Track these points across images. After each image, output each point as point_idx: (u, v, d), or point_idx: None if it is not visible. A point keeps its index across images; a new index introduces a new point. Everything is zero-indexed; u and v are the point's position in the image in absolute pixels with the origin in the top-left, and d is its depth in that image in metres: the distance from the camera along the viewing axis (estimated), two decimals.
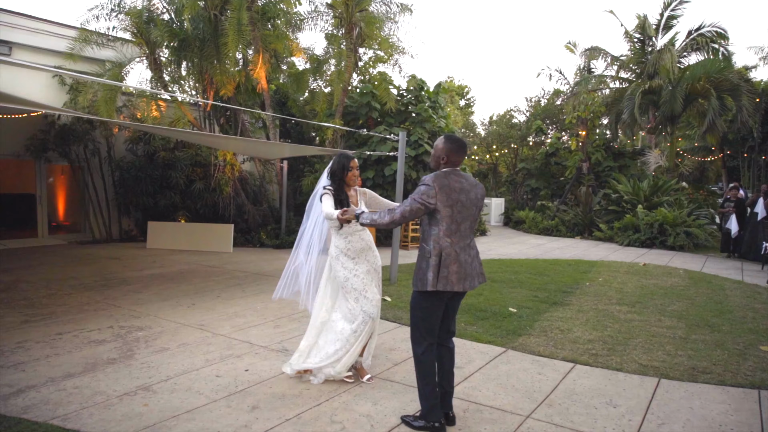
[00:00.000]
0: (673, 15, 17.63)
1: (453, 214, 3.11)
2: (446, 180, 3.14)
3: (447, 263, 3.09)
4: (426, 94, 12.72)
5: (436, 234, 3.13)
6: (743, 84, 14.07)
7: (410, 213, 3.13)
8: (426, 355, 3.24)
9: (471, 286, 3.18)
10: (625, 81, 18.96)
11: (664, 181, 14.74)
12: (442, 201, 3.08)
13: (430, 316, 3.23)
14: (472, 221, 3.23)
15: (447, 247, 3.10)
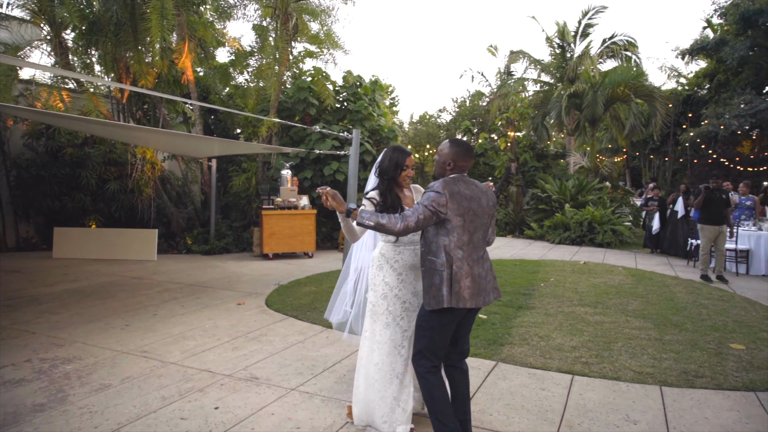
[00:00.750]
0: (589, 23, 18.58)
1: (465, 223, 2.76)
2: (456, 186, 2.79)
3: (459, 277, 2.73)
4: (363, 92, 12.28)
5: (447, 245, 2.76)
6: (657, 90, 15.03)
7: (423, 221, 2.70)
8: (433, 374, 2.87)
9: (486, 301, 2.83)
10: (546, 84, 19.72)
11: (587, 181, 15.40)
12: (453, 209, 2.73)
13: (439, 336, 2.86)
14: (484, 231, 2.91)
15: (459, 259, 2.75)
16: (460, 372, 3.02)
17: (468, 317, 2.95)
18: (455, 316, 2.81)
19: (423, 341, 2.89)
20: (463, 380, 3.01)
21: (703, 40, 22.81)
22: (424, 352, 2.88)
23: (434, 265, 2.80)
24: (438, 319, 2.82)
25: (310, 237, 10.54)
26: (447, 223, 2.76)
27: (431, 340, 2.86)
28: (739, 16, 19.37)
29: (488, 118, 20.40)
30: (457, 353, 3.03)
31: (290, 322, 5.81)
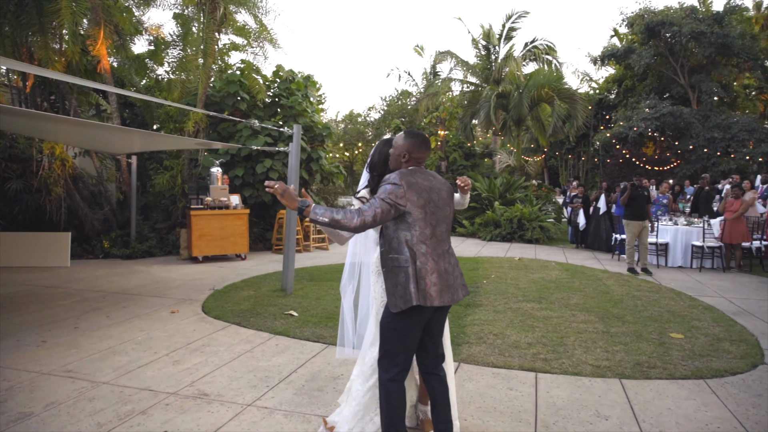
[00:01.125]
0: (513, 27, 19.24)
1: (426, 216, 2.60)
2: (413, 178, 2.64)
3: (423, 274, 2.57)
4: (296, 87, 11.87)
5: (410, 239, 2.59)
6: (577, 93, 15.81)
7: (381, 215, 2.51)
8: (395, 383, 2.67)
9: (454, 298, 2.66)
10: (472, 85, 20.19)
11: (514, 180, 15.91)
12: (413, 201, 2.57)
13: (406, 338, 2.66)
14: (447, 224, 2.75)
15: (423, 254, 2.58)
16: (437, 379, 2.81)
17: (437, 317, 2.74)
18: (421, 316, 2.62)
19: (387, 345, 2.70)
20: (442, 387, 2.81)
21: (612, 48, 24.41)
22: (388, 357, 2.69)
23: (398, 262, 2.61)
24: (402, 320, 2.62)
25: (242, 238, 10.01)
26: (407, 216, 2.59)
27: (396, 344, 2.67)
28: (644, 26, 20.88)
29: (417, 117, 20.57)
30: (431, 357, 2.83)
31: (233, 330, 5.40)
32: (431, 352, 2.83)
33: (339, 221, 2.46)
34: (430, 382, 2.83)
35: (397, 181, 2.58)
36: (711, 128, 19.91)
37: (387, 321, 2.71)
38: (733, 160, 19.16)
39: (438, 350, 2.85)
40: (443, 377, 2.84)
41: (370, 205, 2.51)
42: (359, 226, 2.47)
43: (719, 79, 22.07)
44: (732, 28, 20.34)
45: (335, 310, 6.12)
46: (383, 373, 2.70)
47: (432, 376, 2.83)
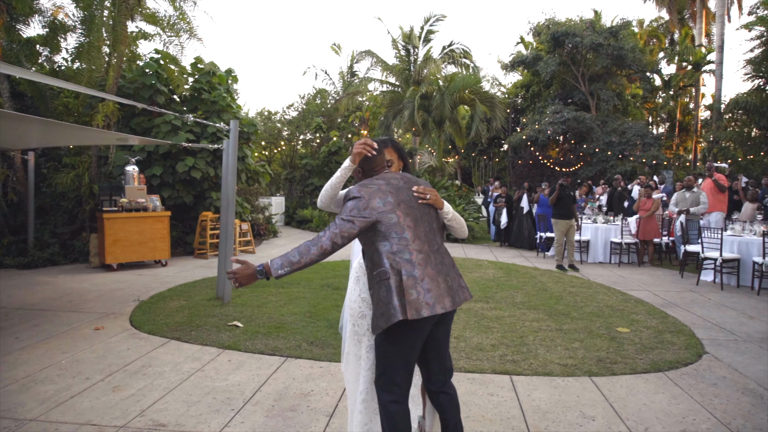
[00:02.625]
0: (431, 30, 19.57)
1: (401, 219, 2.39)
2: (374, 184, 2.45)
3: (412, 283, 2.32)
4: (218, 81, 11.15)
5: (389, 249, 2.38)
6: (496, 97, 16.38)
7: (341, 236, 2.33)
8: (398, 405, 2.45)
9: (456, 302, 2.43)
10: (392, 85, 20.27)
11: (437, 180, 16.16)
12: (378, 208, 2.38)
13: (403, 356, 2.43)
14: (430, 220, 2.52)
15: (407, 261, 2.35)
16: (447, 397, 2.60)
17: (439, 328, 2.52)
18: (419, 331, 2.38)
19: (383, 365, 2.46)
20: (452, 406, 2.60)
21: (521, 55, 25.68)
22: (385, 377, 2.45)
23: (379, 276, 2.39)
24: (398, 339, 2.38)
25: (163, 243, 9.19)
26: (378, 225, 2.38)
27: (393, 363, 2.43)
28: (550, 36, 22.16)
29: (337, 116, 20.29)
30: (439, 373, 2.60)
31: (175, 346, 4.86)
32: (438, 368, 2.60)
33: (298, 262, 2.30)
34: (440, 401, 2.60)
35: (356, 194, 2.40)
36: (609, 133, 21.55)
37: (380, 340, 2.48)
38: (629, 162, 20.88)
39: (445, 364, 2.63)
40: (453, 395, 2.63)
41: (328, 228, 2.35)
42: (319, 255, 2.31)
43: (614, 88, 24.00)
44: (625, 41, 22.18)
45: (282, 318, 5.76)
46: (383, 394, 2.46)
47: (441, 395, 2.60)
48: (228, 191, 6.50)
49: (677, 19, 30.96)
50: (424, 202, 2.51)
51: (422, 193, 2.52)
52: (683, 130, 29.62)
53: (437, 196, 2.55)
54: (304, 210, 17.21)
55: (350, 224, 2.34)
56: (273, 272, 2.30)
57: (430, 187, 2.58)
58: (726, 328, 5.57)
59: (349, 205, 2.38)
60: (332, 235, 2.32)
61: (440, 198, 2.57)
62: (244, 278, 2.35)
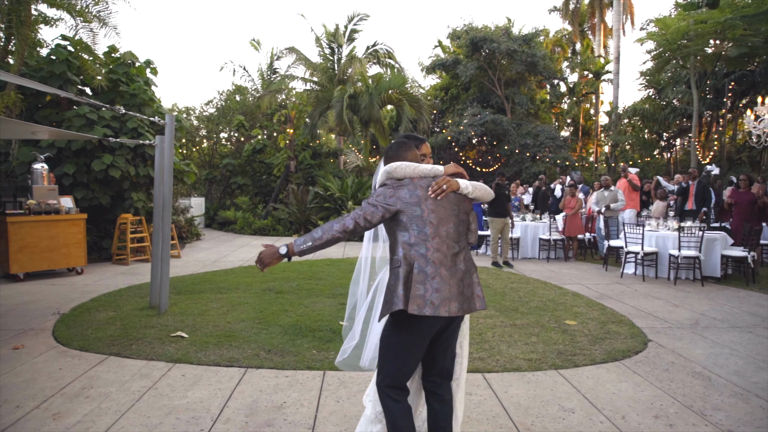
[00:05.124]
0: (355, 29, 19.47)
1: (424, 213, 2.38)
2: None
3: (422, 278, 2.32)
4: (136, 72, 10.32)
5: (406, 240, 2.38)
6: (423, 98, 16.63)
7: (364, 218, 2.35)
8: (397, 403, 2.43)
9: (464, 308, 2.37)
10: (316, 84, 19.95)
11: (365, 179, 16.13)
12: (404, 199, 2.38)
13: (404, 356, 2.41)
14: (456, 223, 2.47)
15: (421, 256, 2.34)
16: (439, 401, 2.54)
17: (447, 331, 2.47)
18: (425, 329, 2.36)
19: (384, 360, 2.46)
20: (444, 410, 2.53)
21: (439, 58, 26.34)
22: (384, 373, 2.45)
23: (392, 264, 2.41)
24: (403, 331, 2.37)
25: (78, 248, 8.34)
26: (401, 216, 2.38)
27: (395, 359, 2.42)
28: (468, 40, 22.92)
29: (259, 114, 19.61)
30: (434, 375, 2.56)
31: (116, 363, 4.38)
32: (435, 369, 2.56)
33: (321, 238, 2.36)
34: (431, 403, 2.57)
35: (388, 182, 2.46)
36: (524, 135, 22.69)
37: (385, 333, 2.46)
38: (542, 163, 22.09)
39: (444, 366, 2.57)
40: (447, 400, 2.56)
41: (356, 210, 2.38)
42: (341, 232, 2.35)
43: (527, 93, 25.32)
44: (537, 49, 23.46)
45: (230, 326, 5.41)
46: (380, 392, 2.47)
47: (435, 397, 2.56)
48: (164, 192, 6.00)
49: (579, 31, 33.31)
50: (442, 196, 2.42)
51: (435, 190, 2.42)
52: (585, 134, 31.85)
53: (450, 182, 2.45)
54: (227, 211, 16.46)
55: (374, 208, 2.37)
56: (296, 248, 2.35)
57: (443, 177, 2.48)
58: (659, 317, 5.99)
59: (378, 191, 2.45)
60: (356, 215, 2.36)
61: (453, 180, 2.47)
62: (267, 257, 2.39)
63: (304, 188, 15.81)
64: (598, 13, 31.91)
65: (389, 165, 2.51)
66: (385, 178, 2.50)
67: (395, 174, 2.47)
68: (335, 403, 3.61)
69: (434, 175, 2.48)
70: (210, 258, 10.51)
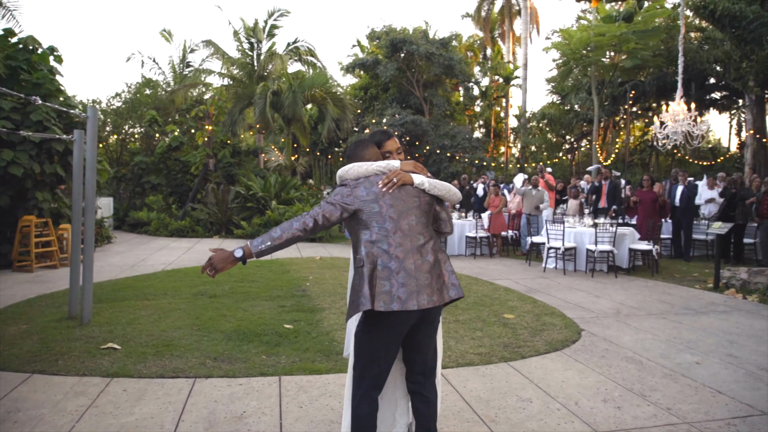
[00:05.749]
0: (275, 24, 19.06)
1: (382, 209, 2.38)
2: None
3: (386, 274, 2.31)
4: (39, 60, 9.37)
5: (368, 238, 2.38)
6: (346, 98, 16.59)
7: (323, 216, 2.35)
8: (365, 398, 2.43)
9: (434, 300, 2.36)
10: (234, 79, 19.27)
11: (289, 178, 15.83)
12: (361, 197, 2.38)
13: (378, 350, 2.40)
14: (418, 215, 2.45)
15: (384, 252, 2.33)
16: (423, 401, 2.52)
17: (421, 327, 2.45)
18: (397, 325, 2.35)
19: (357, 356, 2.46)
20: (427, 412, 2.52)
21: (358, 58, 26.43)
22: (358, 369, 2.45)
23: (356, 263, 2.42)
24: (371, 329, 2.38)
25: None
26: (360, 214, 2.39)
27: (367, 355, 2.42)
28: (388, 41, 23.21)
29: (173, 109, 18.57)
30: (417, 374, 2.55)
31: (42, 381, 3.96)
32: (417, 368, 2.55)
33: (281, 237, 2.32)
34: (415, 402, 2.56)
35: (346, 182, 2.46)
36: (441, 136, 23.37)
37: (358, 329, 2.46)
38: (459, 163, 22.88)
39: (426, 364, 2.57)
40: (431, 400, 2.55)
41: (315, 208, 2.38)
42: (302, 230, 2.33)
43: (444, 95, 26.10)
44: (454, 53, 24.25)
45: (166, 335, 5.09)
46: (354, 388, 2.47)
47: (417, 396, 2.55)
48: (88, 191, 5.51)
49: (490, 37, 34.85)
50: (393, 188, 2.40)
51: (386, 183, 2.41)
52: (497, 136, 33.43)
53: (401, 175, 2.43)
54: (139, 212, 15.43)
55: (332, 207, 2.36)
56: (253, 249, 2.29)
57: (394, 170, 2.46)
58: (585, 308, 6.43)
59: (337, 190, 2.44)
60: (315, 213, 2.35)
61: (405, 173, 2.46)
62: (220, 262, 2.33)
63: (225, 187, 15.21)
64: (508, 21, 33.58)
65: (341, 170, 2.51)
66: (339, 182, 2.49)
67: (348, 176, 2.47)
68: (299, 408, 3.51)
69: (389, 170, 2.46)
70: (126, 262, 9.80)
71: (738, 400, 3.67)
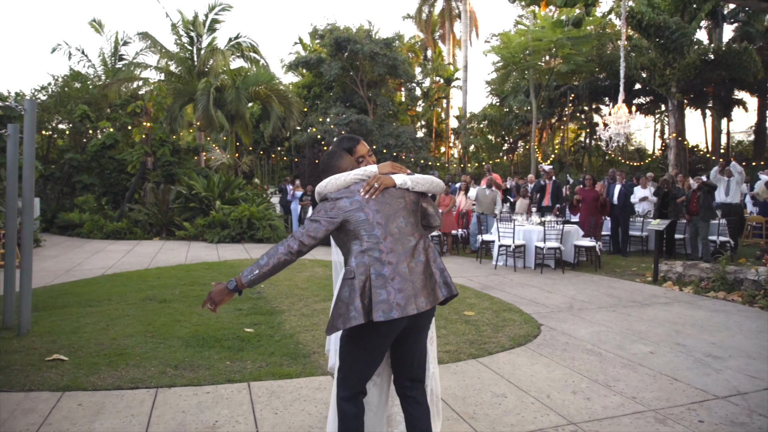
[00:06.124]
0: (216, 18, 18.45)
1: (369, 216, 2.34)
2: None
3: (381, 282, 2.26)
4: None
5: (359, 248, 2.32)
6: (292, 96, 16.30)
7: (308, 236, 2.30)
8: (349, 403, 2.40)
9: (432, 300, 2.34)
10: (172, 74, 18.48)
11: (234, 178, 15.37)
12: (344, 208, 2.34)
13: (365, 356, 2.37)
14: (405, 216, 2.41)
15: (376, 260, 2.30)
16: (414, 404, 2.47)
17: (415, 328, 2.41)
18: (384, 333, 2.30)
19: (344, 363, 2.42)
20: (420, 415, 2.46)
21: (301, 56, 26.08)
22: (343, 372, 2.42)
23: (345, 275, 2.35)
24: (358, 338, 2.33)
25: None
26: (347, 225, 2.34)
27: (354, 362, 2.38)
28: (333, 40, 23.05)
29: (106, 104, 17.53)
30: (405, 375, 2.50)
31: None
32: (406, 370, 2.50)
33: (268, 264, 2.26)
34: (406, 407, 2.50)
35: (326, 196, 2.41)
36: (386, 136, 23.49)
37: (344, 340, 2.40)
38: (404, 163, 23.07)
39: (415, 366, 2.51)
40: (422, 403, 2.50)
41: (299, 229, 2.33)
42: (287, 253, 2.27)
43: (388, 95, 26.24)
44: (398, 53, 24.43)
45: (117, 343, 4.80)
46: (339, 389, 2.42)
47: (407, 400, 2.50)
48: (25, 190, 5.09)
49: (431, 38, 35.37)
50: (376, 194, 2.36)
51: (367, 190, 2.36)
52: (438, 136, 34.03)
53: (381, 179, 2.39)
54: (70, 213, 14.45)
55: (317, 224, 2.30)
56: (244, 279, 2.26)
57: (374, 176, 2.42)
58: (540, 303, 6.64)
59: (319, 206, 2.39)
60: (299, 234, 2.29)
61: (386, 176, 2.42)
62: (218, 295, 2.30)
63: (165, 187, 14.53)
64: (448, 23, 34.21)
65: (319, 186, 2.44)
66: (319, 198, 2.44)
67: (327, 190, 2.42)
68: (274, 415, 3.39)
69: (368, 176, 2.42)
70: (61, 267, 9.16)
71: (693, 386, 3.90)
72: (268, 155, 29.07)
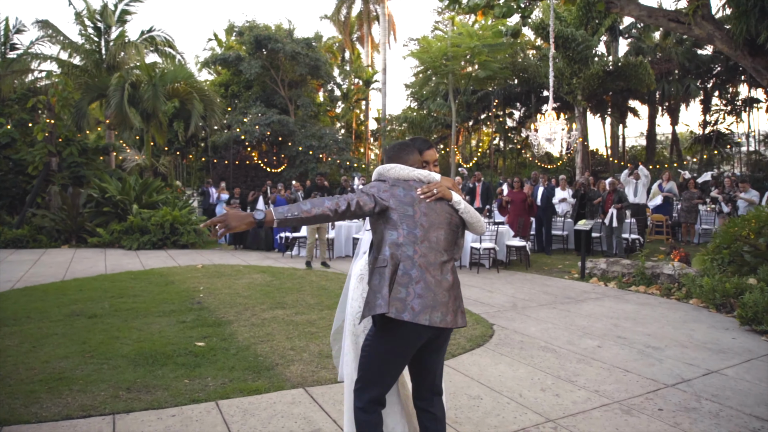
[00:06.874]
0: (127, 9, 17.27)
1: (416, 215, 2.35)
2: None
3: (405, 280, 2.23)
4: None
5: (394, 239, 2.32)
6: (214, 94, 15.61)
7: (357, 203, 2.31)
8: (367, 414, 2.36)
9: (450, 321, 2.28)
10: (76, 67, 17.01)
11: (152, 180, 14.46)
12: (397, 196, 2.36)
13: (385, 365, 2.34)
14: (446, 231, 2.41)
15: (408, 258, 2.29)
16: (431, 419, 2.46)
17: (436, 344, 2.40)
18: (410, 337, 2.27)
19: (363, 368, 2.38)
20: (437, 429, 2.47)
21: (218, 53, 25.06)
22: (362, 382, 2.37)
23: (376, 263, 2.33)
24: (385, 340, 2.29)
25: None
26: (391, 213, 2.34)
27: (374, 368, 2.35)
28: (253, 38, 22.37)
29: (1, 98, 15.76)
30: (426, 391, 2.49)
31: None
32: (427, 385, 2.49)
33: (310, 211, 2.23)
34: (423, 421, 2.50)
35: (385, 178, 2.45)
36: (309, 137, 23.19)
37: (368, 340, 2.37)
38: (326, 164, 22.89)
39: (434, 381, 2.51)
40: (440, 417, 2.50)
41: (350, 194, 2.35)
42: (333, 210, 2.26)
43: (309, 96, 25.91)
44: (319, 53, 24.20)
45: (53, 366, 4.35)
46: (356, 400, 2.39)
47: (426, 414, 2.49)
48: None
49: (349, 40, 35.39)
50: (432, 199, 2.39)
51: (426, 192, 2.39)
52: (358, 138, 34.13)
53: (442, 188, 2.42)
54: None
55: (368, 197, 2.32)
56: (276, 215, 2.18)
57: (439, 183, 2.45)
58: (485, 303, 6.86)
59: (374, 183, 2.42)
60: (349, 198, 2.29)
61: (447, 189, 2.45)
62: (235, 220, 2.16)
63: (74, 190, 13.32)
64: (366, 26, 34.39)
65: (382, 167, 2.47)
66: (377, 177, 2.45)
67: (387, 175, 2.44)
68: None
69: (428, 181, 2.44)
70: None
71: (644, 376, 4.21)
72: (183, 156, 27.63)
